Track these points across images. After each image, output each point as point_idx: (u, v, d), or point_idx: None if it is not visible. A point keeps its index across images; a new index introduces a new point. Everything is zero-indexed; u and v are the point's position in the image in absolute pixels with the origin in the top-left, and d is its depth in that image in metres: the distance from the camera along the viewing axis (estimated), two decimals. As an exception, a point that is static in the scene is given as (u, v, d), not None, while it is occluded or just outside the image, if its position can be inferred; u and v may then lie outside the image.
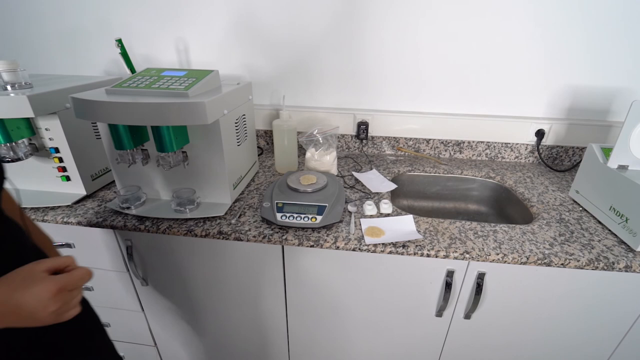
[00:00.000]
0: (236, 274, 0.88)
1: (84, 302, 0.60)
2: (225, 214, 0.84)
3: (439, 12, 1.05)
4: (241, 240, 0.78)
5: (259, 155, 1.24)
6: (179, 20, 1.15)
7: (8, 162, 0.81)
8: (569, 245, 0.76)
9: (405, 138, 1.24)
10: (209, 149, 0.82)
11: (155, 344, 1.09)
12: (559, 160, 1.22)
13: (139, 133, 0.79)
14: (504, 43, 1.07)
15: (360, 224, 0.82)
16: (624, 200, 0.78)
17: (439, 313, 0.85)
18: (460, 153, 1.25)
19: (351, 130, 1.25)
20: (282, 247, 0.81)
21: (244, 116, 0.94)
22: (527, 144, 1.20)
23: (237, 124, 0.89)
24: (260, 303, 0.92)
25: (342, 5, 1.07)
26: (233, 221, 0.82)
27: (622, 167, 0.82)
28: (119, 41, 0.94)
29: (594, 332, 0.84)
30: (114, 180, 0.99)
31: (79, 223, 0.82)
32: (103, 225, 0.81)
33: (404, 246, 0.75)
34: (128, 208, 0.84)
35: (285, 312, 0.93)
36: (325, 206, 0.80)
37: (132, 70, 0.98)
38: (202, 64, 1.21)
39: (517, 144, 1.20)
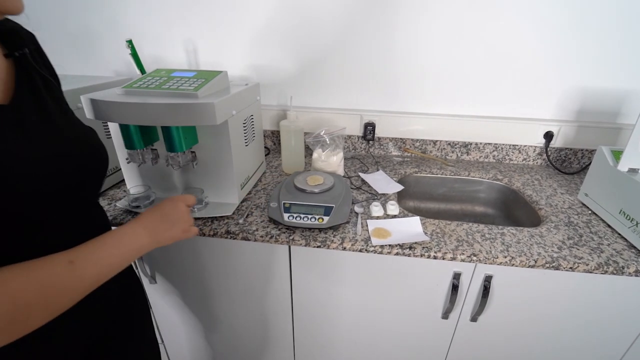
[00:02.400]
0: (243, 273, 0.89)
1: (138, 287, 0.69)
2: (233, 213, 0.85)
3: (448, 14, 1.04)
4: (248, 240, 0.79)
5: (266, 155, 1.24)
6: (188, 21, 1.16)
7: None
8: (578, 249, 0.76)
9: (412, 139, 1.24)
10: (218, 149, 0.83)
11: (162, 341, 1.10)
12: (567, 162, 1.20)
13: (149, 133, 0.80)
14: (512, 44, 1.06)
15: (366, 225, 0.82)
16: (634, 203, 0.77)
17: (445, 315, 0.85)
18: (467, 155, 1.24)
19: (358, 131, 1.25)
20: (289, 247, 0.82)
21: (251, 117, 0.95)
22: (536, 146, 1.19)
23: (245, 125, 0.90)
24: (266, 302, 0.93)
25: (349, 8, 1.07)
26: (241, 221, 0.82)
27: (633, 171, 0.81)
28: (130, 42, 0.95)
29: (602, 337, 0.83)
30: (123, 179, 1.00)
31: (89, 221, 0.83)
32: (113, 223, 0.82)
33: (410, 248, 0.75)
34: (137, 207, 0.85)
35: (291, 311, 0.93)
36: (332, 207, 0.80)
37: (142, 70, 0.99)
38: (210, 64, 1.22)
39: (525, 146, 1.20)
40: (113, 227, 0.75)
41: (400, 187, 1.01)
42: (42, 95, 0.49)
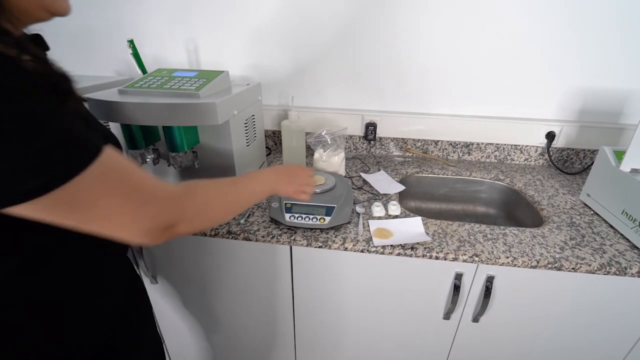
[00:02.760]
0: (244, 273, 0.88)
1: (141, 290, 0.69)
2: (234, 213, 0.85)
3: (449, 14, 1.04)
4: (250, 240, 0.78)
5: (267, 155, 1.24)
6: (189, 21, 1.15)
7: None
8: (580, 250, 0.76)
9: (413, 139, 1.24)
10: (219, 149, 0.83)
11: (163, 341, 1.10)
12: (569, 163, 1.20)
13: (150, 133, 0.80)
14: (514, 44, 1.06)
15: (368, 226, 0.82)
16: (637, 204, 0.76)
17: (447, 316, 0.85)
18: (469, 155, 1.24)
19: (359, 131, 1.25)
20: (291, 247, 0.82)
21: (253, 117, 0.94)
22: (537, 146, 1.19)
23: (246, 125, 0.90)
24: (267, 302, 0.93)
25: (350, 7, 1.07)
26: (242, 221, 0.82)
27: (636, 171, 0.81)
28: (131, 42, 0.95)
29: (605, 338, 0.83)
30: (124, 179, 1.00)
31: (90, 221, 0.83)
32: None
33: (412, 248, 0.74)
34: (139, 207, 0.85)
35: (293, 311, 0.93)
36: (334, 207, 0.80)
37: (144, 70, 0.99)
38: (212, 64, 1.22)
39: (527, 146, 1.19)
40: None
41: (401, 187, 1.01)
42: None
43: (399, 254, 0.75)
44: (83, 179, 0.35)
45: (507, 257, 0.73)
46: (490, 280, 0.78)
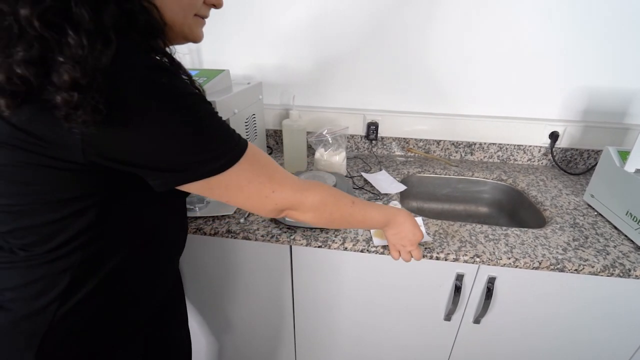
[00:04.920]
0: (244, 272, 0.88)
1: (177, 277, 0.76)
2: (234, 213, 0.85)
3: (450, 12, 1.03)
4: (249, 239, 0.78)
5: (268, 154, 1.24)
6: (191, 20, 1.15)
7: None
8: (583, 251, 0.75)
9: (415, 139, 1.23)
10: (219, 148, 0.82)
11: (164, 340, 1.10)
12: (573, 163, 1.19)
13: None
14: (517, 43, 1.05)
15: (369, 225, 0.81)
16: (642, 205, 0.75)
17: (448, 317, 0.84)
18: (471, 155, 1.23)
19: (361, 130, 1.24)
20: (290, 247, 0.81)
21: (253, 115, 0.94)
22: (541, 147, 1.18)
23: (247, 124, 0.90)
24: (267, 302, 0.92)
25: (353, 8, 1.06)
26: (242, 220, 0.82)
27: (640, 172, 0.80)
28: (132, 41, 0.95)
29: (608, 341, 0.82)
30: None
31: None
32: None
33: (413, 248, 0.74)
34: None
35: (293, 311, 0.93)
36: (334, 207, 0.79)
37: (145, 69, 0.99)
38: (213, 63, 1.22)
39: (530, 146, 1.18)
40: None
41: (403, 187, 1.00)
42: None
43: (399, 254, 0.74)
44: (237, 167, 0.45)
45: (509, 258, 0.72)
46: (491, 281, 0.77)
